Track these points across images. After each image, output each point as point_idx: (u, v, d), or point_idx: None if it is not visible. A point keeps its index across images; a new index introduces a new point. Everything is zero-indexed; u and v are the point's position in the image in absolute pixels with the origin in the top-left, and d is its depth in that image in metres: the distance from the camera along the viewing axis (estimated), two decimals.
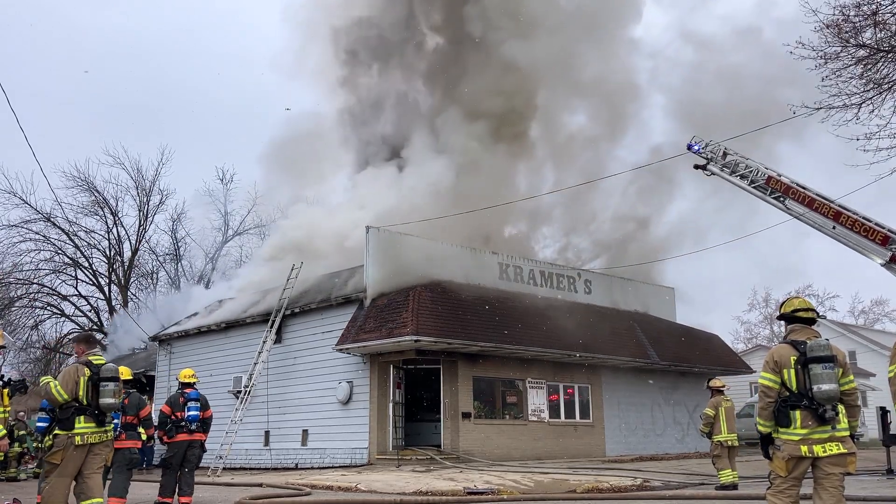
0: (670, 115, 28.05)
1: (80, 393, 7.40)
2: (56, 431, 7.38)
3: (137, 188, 41.73)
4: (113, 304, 39.99)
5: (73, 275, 39.91)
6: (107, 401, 7.46)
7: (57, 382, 7.43)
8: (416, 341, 18.07)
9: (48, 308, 39.29)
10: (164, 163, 45.87)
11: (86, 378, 7.47)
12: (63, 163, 59.99)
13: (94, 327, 39.45)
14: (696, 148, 18.54)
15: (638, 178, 26.48)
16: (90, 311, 40.70)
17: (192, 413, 10.89)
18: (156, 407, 17.91)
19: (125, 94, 79.68)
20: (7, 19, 73.34)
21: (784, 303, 6.27)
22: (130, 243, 41.90)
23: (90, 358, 7.66)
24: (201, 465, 12.12)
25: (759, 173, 17.42)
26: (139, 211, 41.94)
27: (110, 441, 7.68)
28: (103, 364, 7.69)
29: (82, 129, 74.58)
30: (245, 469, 21.56)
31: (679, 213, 26.86)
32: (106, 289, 40.52)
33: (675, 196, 26.56)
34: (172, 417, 10.86)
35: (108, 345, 32.07)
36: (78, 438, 7.26)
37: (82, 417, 7.34)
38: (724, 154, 18.20)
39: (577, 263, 27.89)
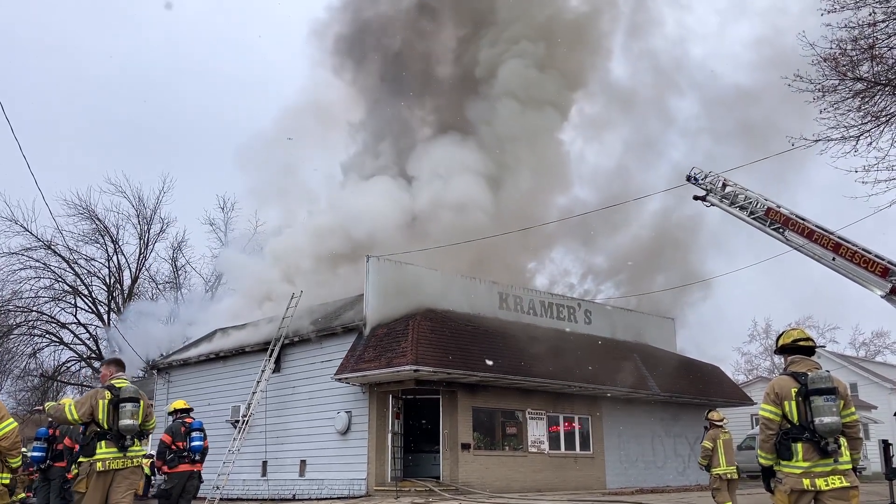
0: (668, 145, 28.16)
1: (101, 416, 7.24)
2: (80, 459, 7.24)
3: (138, 216, 41.90)
4: (111, 331, 39.91)
5: (73, 302, 39.88)
6: (125, 422, 7.28)
7: (73, 403, 7.36)
8: (415, 371, 18.00)
9: (47, 336, 39.19)
10: (165, 191, 46.15)
11: (106, 401, 7.32)
12: (65, 190, 60.41)
13: (93, 356, 39.32)
14: (696, 179, 18.65)
15: (643, 206, 26.52)
16: (89, 340, 40.59)
17: (196, 443, 10.78)
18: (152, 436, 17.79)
19: (130, 121, 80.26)
20: (12, 45, 74.10)
21: (782, 335, 6.26)
22: (130, 271, 41.96)
23: (113, 381, 7.54)
24: (198, 495, 12.01)
25: (759, 205, 17.52)
26: (140, 239, 42.07)
27: (137, 467, 7.45)
28: (124, 386, 7.57)
29: (85, 157, 75.04)
30: (242, 500, 21.35)
31: (679, 243, 26.74)
32: (105, 317, 40.45)
33: (676, 226, 26.49)
34: (173, 447, 10.77)
35: None
36: (99, 465, 7.09)
37: (103, 443, 7.19)
38: (724, 185, 18.32)
39: (579, 293, 27.87)
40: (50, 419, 10.68)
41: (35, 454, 11.88)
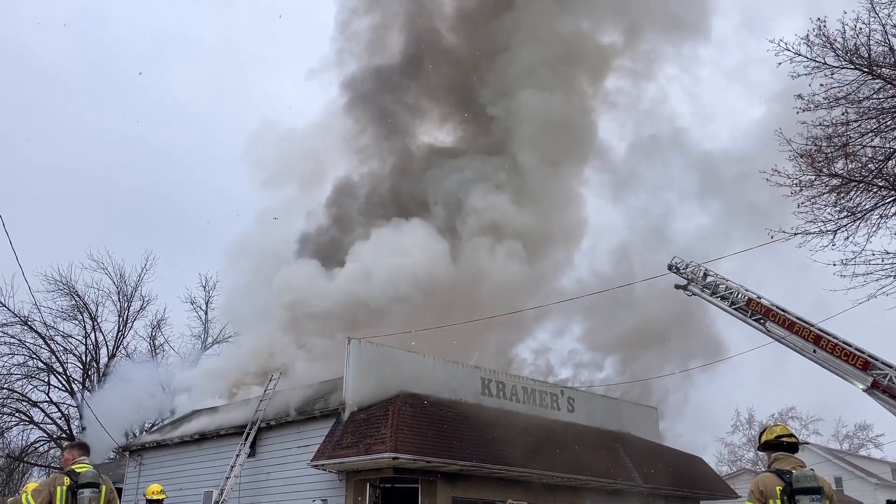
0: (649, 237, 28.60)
1: None
2: None
3: (119, 293, 41.51)
4: (83, 411, 38.95)
5: (46, 380, 39.02)
6: None
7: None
8: (394, 458, 17.60)
9: (16, 414, 38.15)
10: (147, 268, 45.76)
11: (64, 488, 7.07)
12: (45, 265, 59.77)
13: (63, 436, 38.24)
14: (678, 268, 18.84)
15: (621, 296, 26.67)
16: (60, 419, 39.55)
17: None
18: None
19: (113, 198, 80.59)
20: None
21: (765, 430, 6.21)
22: (108, 349, 41.28)
23: (74, 466, 7.32)
24: None
25: (740, 295, 17.68)
26: (119, 316, 41.57)
27: None
28: (84, 471, 7.33)
29: (68, 233, 74.89)
30: None
31: (660, 332, 26.81)
32: (79, 395, 39.56)
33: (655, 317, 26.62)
34: None
35: None
36: None
37: None
38: (705, 275, 18.51)
39: (561, 379, 27.67)
40: None
41: None
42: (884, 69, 13.48)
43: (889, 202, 14.03)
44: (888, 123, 13.78)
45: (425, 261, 24.44)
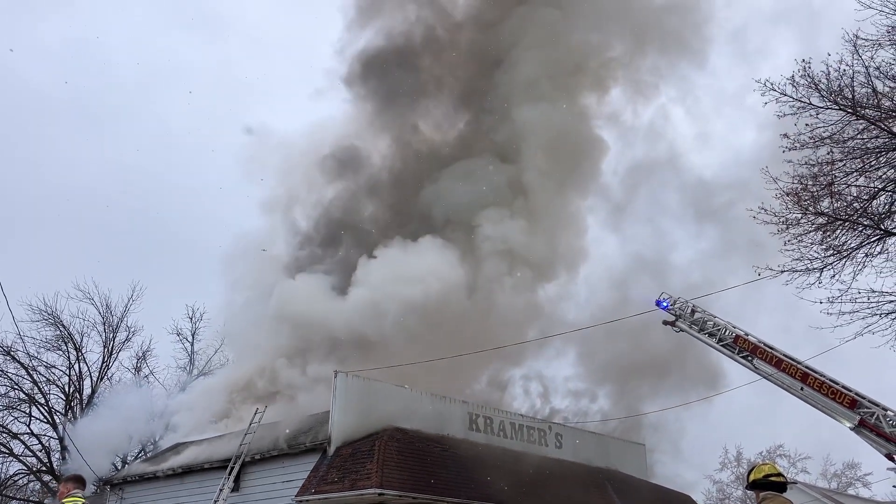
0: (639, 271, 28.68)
1: None
2: None
3: (105, 324, 41.09)
4: (65, 443, 38.37)
5: (28, 412, 38.44)
6: None
7: None
8: (380, 494, 17.38)
9: None
10: (134, 299, 45.40)
11: None
12: (30, 295, 59.23)
13: (43, 468, 37.61)
14: (665, 305, 18.90)
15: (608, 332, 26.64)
16: (41, 451, 38.91)
17: None
18: None
19: (102, 227, 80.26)
20: None
21: (753, 469, 6.19)
22: (92, 380, 40.78)
23: (67, 499, 7.22)
24: None
25: (727, 332, 17.74)
26: (104, 347, 41.10)
27: None
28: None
29: (55, 262, 74.36)
30: None
31: (653, 365, 26.78)
32: (61, 427, 38.98)
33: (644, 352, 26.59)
34: None
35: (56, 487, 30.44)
36: None
37: None
38: (693, 311, 18.57)
39: (549, 413, 27.52)
40: None
41: None
42: (867, 110, 13.72)
43: (874, 241, 14.18)
44: (872, 163, 14.00)
45: (438, 292, 24.27)
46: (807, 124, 14.15)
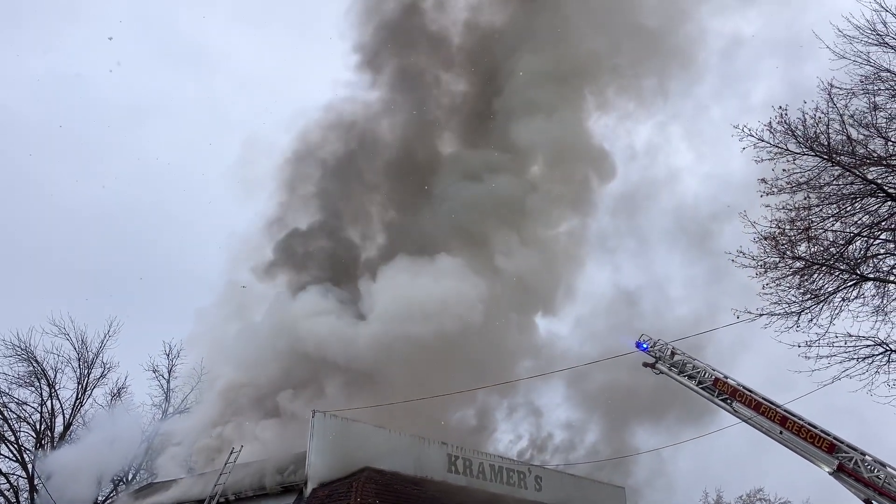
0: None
1: None
2: None
3: (80, 359, 40.41)
4: (35, 483, 37.44)
5: None
6: None
7: None
8: None
9: None
10: (110, 335, 44.73)
11: None
12: (3, 330, 58.31)
13: None
14: (644, 346, 18.91)
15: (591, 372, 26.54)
16: (9, 491, 37.94)
17: None
18: None
19: (80, 261, 79.47)
20: None
21: None
22: (64, 417, 39.98)
23: None
24: None
25: (707, 374, 17.76)
26: (78, 384, 40.38)
27: None
28: None
29: (30, 297, 73.38)
30: None
31: (637, 405, 26.71)
32: (30, 466, 38.08)
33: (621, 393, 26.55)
34: None
35: None
36: None
37: None
38: (672, 353, 18.59)
39: (530, 455, 27.32)
40: None
41: None
42: (843, 157, 13.97)
43: (850, 286, 14.32)
44: (848, 209, 14.21)
45: (451, 330, 24.07)
46: (784, 169, 14.39)
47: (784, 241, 14.61)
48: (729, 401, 17.23)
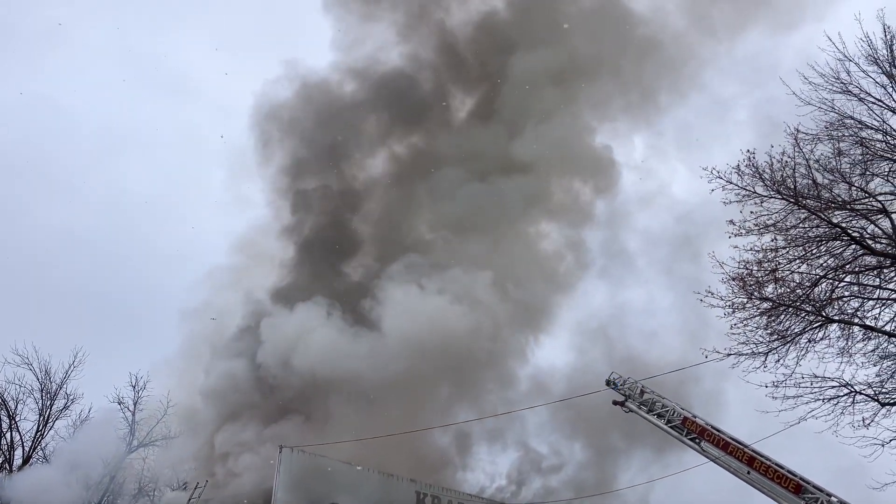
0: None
1: None
2: None
3: (42, 390, 39.55)
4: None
5: None
6: None
7: None
8: None
9: None
10: (75, 365, 43.85)
11: None
12: None
13: None
14: (616, 384, 18.97)
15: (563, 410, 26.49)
16: None
17: None
18: None
19: (47, 289, 78.08)
20: None
21: None
22: (24, 450, 38.98)
23: None
24: None
25: (676, 413, 17.81)
26: (40, 415, 39.47)
27: None
28: None
29: None
30: None
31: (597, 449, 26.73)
32: None
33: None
34: None
35: None
36: None
37: None
38: (642, 392, 18.64)
39: (497, 490, 27.14)
40: None
41: None
42: (809, 200, 14.24)
43: (816, 327, 14.50)
44: (814, 252, 14.45)
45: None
46: (752, 212, 14.63)
47: (752, 282, 14.78)
48: (697, 440, 17.28)
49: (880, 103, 14.03)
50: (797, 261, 14.60)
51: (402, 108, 30.21)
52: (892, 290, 14.31)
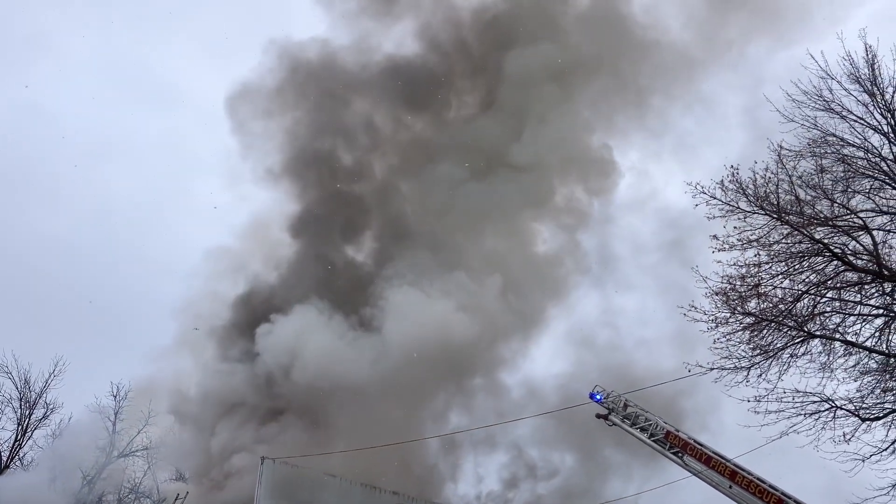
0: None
1: None
2: None
3: (21, 399, 39.09)
4: None
5: None
6: None
7: None
8: None
9: None
10: (56, 374, 43.37)
11: None
12: None
13: None
14: (598, 398, 19.01)
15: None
16: None
17: None
18: None
19: (28, 296, 77.28)
20: None
21: None
22: (1, 460, 38.47)
23: None
24: None
25: (659, 427, 17.85)
26: (18, 425, 38.99)
27: None
28: None
29: None
30: None
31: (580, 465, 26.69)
32: None
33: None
34: None
35: None
36: None
37: None
38: (625, 405, 18.68)
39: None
40: None
41: None
42: (791, 216, 14.38)
43: (798, 342, 14.60)
44: (796, 267, 14.57)
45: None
46: (735, 227, 14.75)
47: (735, 297, 14.88)
48: (680, 454, 17.32)
49: (862, 121, 14.20)
50: (780, 276, 14.72)
51: (401, 100, 30.32)
52: (872, 306, 14.46)
